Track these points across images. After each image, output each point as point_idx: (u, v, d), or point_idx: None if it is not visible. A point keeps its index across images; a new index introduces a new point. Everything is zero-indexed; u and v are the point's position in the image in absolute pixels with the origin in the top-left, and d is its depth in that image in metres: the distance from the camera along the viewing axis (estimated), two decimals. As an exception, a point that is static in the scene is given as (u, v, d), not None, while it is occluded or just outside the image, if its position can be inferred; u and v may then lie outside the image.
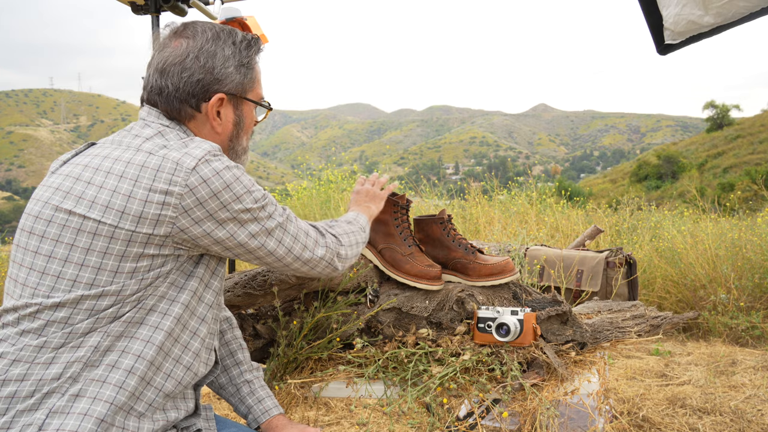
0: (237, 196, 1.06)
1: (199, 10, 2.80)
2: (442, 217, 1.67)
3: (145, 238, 1.02)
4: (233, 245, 1.10)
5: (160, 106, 1.15)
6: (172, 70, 1.13)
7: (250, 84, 1.22)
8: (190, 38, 1.16)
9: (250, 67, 1.21)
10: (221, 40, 1.17)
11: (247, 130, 1.25)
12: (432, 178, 6.87)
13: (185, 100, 1.14)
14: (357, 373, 1.49)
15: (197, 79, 1.14)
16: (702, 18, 1.90)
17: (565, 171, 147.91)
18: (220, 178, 1.04)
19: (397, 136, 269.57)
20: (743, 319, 3.78)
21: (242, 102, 1.21)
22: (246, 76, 1.20)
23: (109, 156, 1.06)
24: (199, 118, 1.17)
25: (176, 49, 1.15)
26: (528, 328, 1.45)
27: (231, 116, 1.20)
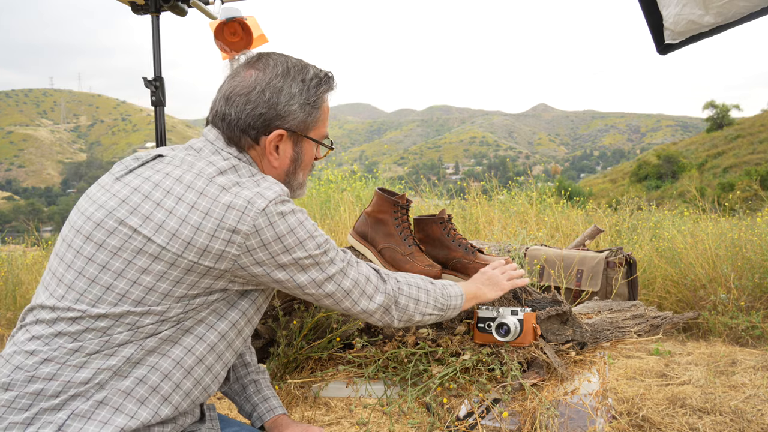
0: (300, 240, 1.09)
1: (199, 10, 2.80)
2: (442, 217, 1.67)
3: (205, 269, 1.04)
4: (292, 287, 1.12)
5: (222, 132, 1.17)
6: (237, 99, 1.15)
7: (314, 123, 1.21)
8: (261, 71, 1.17)
9: (316, 106, 1.20)
10: (290, 77, 1.17)
11: (305, 167, 1.25)
12: (432, 178, 6.87)
13: (245, 131, 1.15)
14: (357, 373, 1.49)
15: (260, 113, 1.15)
16: (702, 18, 1.90)
17: (565, 171, 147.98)
18: (285, 222, 1.07)
19: (397, 136, 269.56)
20: (743, 319, 3.78)
21: (302, 140, 1.21)
22: (310, 115, 1.20)
23: (181, 180, 1.07)
24: (257, 149, 1.17)
25: (245, 80, 1.16)
26: (528, 328, 1.45)
27: (290, 152, 1.20)
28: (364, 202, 5.85)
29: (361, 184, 6.43)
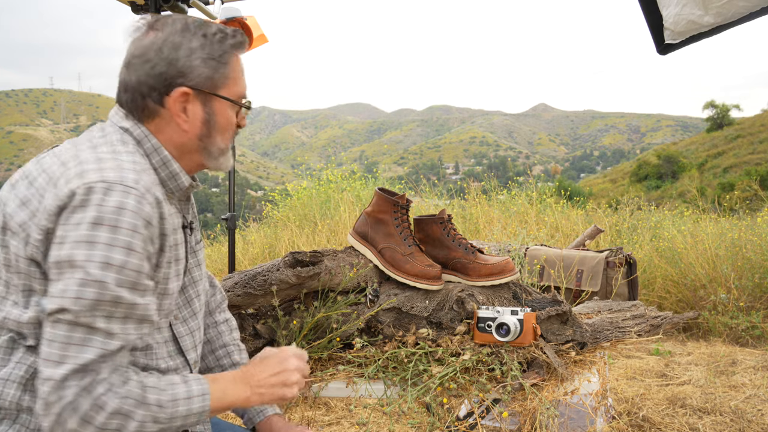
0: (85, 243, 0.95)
1: (199, 9, 2.80)
2: (442, 217, 1.67)
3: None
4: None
5: (125, 105, 1.11)
6: (135, 63, 1.08)
7: (222, 80, 1.12)
8: (159, 30, 1.10)
9: (222, 61, 1.11)
10: (190, 32, 1.10)
11: (222, 130, 1.14)
12: (432, 178, 6.87)
13: (147, 95, 1.08)
14: (357, 373, 1.49)
15: (159, 72, 1.07)
16: (702, 18, 1.90)
17: (565, 171, 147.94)
18: (87, 214, 0.96)
19: (397, 136, 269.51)
20: (743, 319, 3.78)
21: (212, 99, 1.12)
22: (217, 71, 1.11)
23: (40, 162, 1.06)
24: (164, 114, 1.10)
25: (143, 41, 1.10)
26: (528, 328, 1.45)
27: (200, 113, 1.11)
28: (364, 202, 5.85)
29: (361, 184, 6.44)
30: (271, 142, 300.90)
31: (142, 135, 1.10)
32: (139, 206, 0.97)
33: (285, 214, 6.40)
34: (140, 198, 0.97)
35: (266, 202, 7.32)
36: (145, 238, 0.98)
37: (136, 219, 0.96)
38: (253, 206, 18.40)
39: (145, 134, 1.10)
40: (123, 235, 0.94)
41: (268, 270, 1.61)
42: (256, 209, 12.94)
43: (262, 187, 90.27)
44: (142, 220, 0.97)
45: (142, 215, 0.97)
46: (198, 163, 1.16)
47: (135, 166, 1.02)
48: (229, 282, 1.62)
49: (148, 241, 0.99)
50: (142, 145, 1.10)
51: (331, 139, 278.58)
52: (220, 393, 1.05)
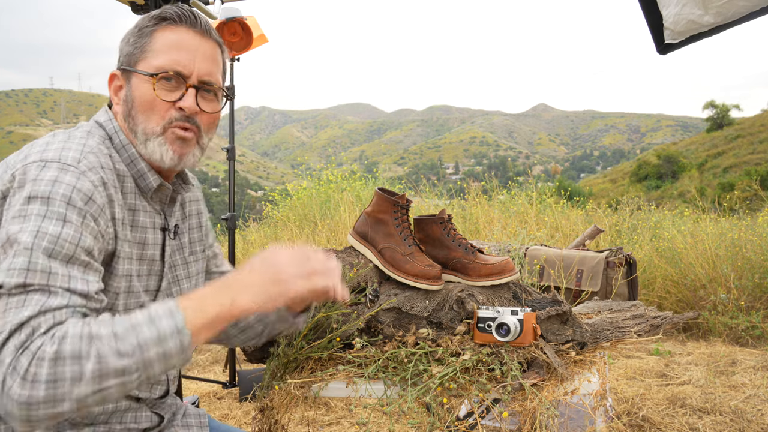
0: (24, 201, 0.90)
1: (199, 10, 2.80)
2: (442, 217, 1.67)
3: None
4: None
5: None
6: None
7: (141, 53, 1.05)
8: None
9: (143, 35, 1.06)
10: (136, 23, 1.09)
11: (142, 107, 1.04)
12: (432, 178, 6.87)
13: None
14: (357, 373, 1.49)
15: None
16: (702, 17, 1.90)
17: (565, 171, 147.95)
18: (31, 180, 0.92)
19: (397, 136, 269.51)
20: (743, 319, 3.78)
21: (131, 75, 1.06)
22: (135, 46, 1.05)
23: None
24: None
25: None
26: (528, 328, 1.45)
27: (123, 93, 1.07)
28: (364, 202, 5.86)
29: (361, 184, 6.44)
30: (271, 142, 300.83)
31: (113, 130, 1.07)
32: (76, 181, 0.92)
33: (285, 214, 6.40)
34: (78, 175, 0.93)
35: (266, 202, 7.33)
36: (84, 212, 0.91)
37: (71, 192, 0.90)
38: (253, 206, 18.40)
39: (116, 129, 1.07)
40: (56, 207, 0.88)
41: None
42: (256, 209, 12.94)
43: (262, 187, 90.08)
44: (80, 194, 0.91)
45: (81, 189, 0.91)
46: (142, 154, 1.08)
47: (83, 148, 0.98)
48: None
49: (90, 217, 0.92)
50: (112, 141, 1.07)
51: (331, 139, 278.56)
52: (195, 304, 0.87)
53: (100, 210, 0.94)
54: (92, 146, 1.00)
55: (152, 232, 1.11)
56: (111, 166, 1.01)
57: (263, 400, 1.52)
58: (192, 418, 1.23)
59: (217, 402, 2.97)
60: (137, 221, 1.07)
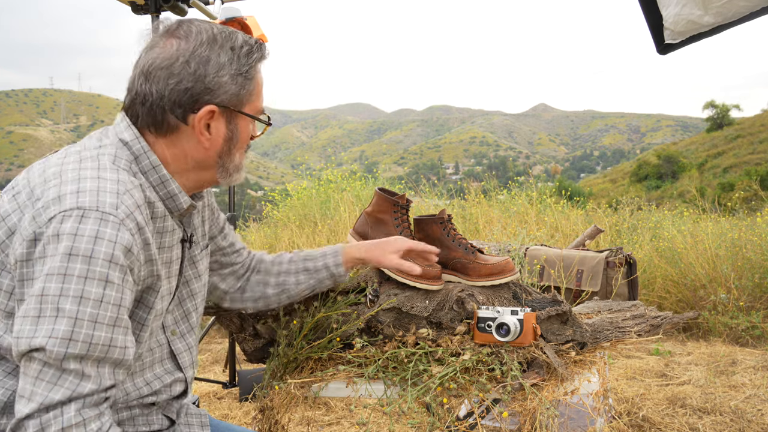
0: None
1: (199, 9, 2.80)
2: (442, 217, 1.67)
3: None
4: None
5: (141, 120, 1.03)
6: (158, 74, 1.00)
7: (248, 96, 1.07)
8: (182, 39, 1.02)
9: (249, 77, 1.06)
10: (217, 45, 1.03)
11: (241, 146, 1.10)
12: (432, 178, 6.87)
13: (170, 110, 1.01)
14: (357, 373, 1.49)
15: (185, 88, 1.00)
16: (702, 18, 1.90)
17: (565, 171, 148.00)
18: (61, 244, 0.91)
19: (397, 136, 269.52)
20: (743, 319, 3.78)
21: (237, 116, 1.06)
22: (243, 88, 1.05)
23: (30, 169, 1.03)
24: (185, 130, 1.04)
25: (165, 50, 1.01)
26: (528, 328, 1.45)
27: (222, 131, 1.06)
28: (364, 202, 5.86)
29: (361, 184, 6.44)
30: (271, 142, 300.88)
31: (141, 150, 1.03)
32: (117, 233, 0.90)
33: (285, 214, 6.40)
34: (119, 225, 0.91)
35: (266, 202, 7.32)
36: (124, 269, 0.91)
37: (113, 249, 0.89)
38: (253, 206, 18.38)
39: (144, 150, 1.03)
40: (98, 266, 0.88)
41: (268, 270, 1.61)
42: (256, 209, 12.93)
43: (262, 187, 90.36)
44: (121, 247, 0.90)
45: (121, 242, 0.90)
46: (210, 179, 1.11)
47: (118, 187, 0.94)
48: (229, 282, 1.62)
49: (129, 272, 0.93)
50: (139, 162, 1.03)
51: (331, 139, 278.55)
52: None
53: (136, 259, 0.94)
54: (125, 182, 0.96)
55: (176, 248, 1.11)
56: (143, 199, 0.99)
57: (263, 400, 1.52)
58: (193, 418, 1.24)
59: (217, 402, 2.97)
60: (164, 242, 1.07)
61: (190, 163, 1.07)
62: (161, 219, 1.05)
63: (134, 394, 1.08)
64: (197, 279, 1.21)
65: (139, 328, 1.03)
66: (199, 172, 1.09)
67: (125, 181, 0.97)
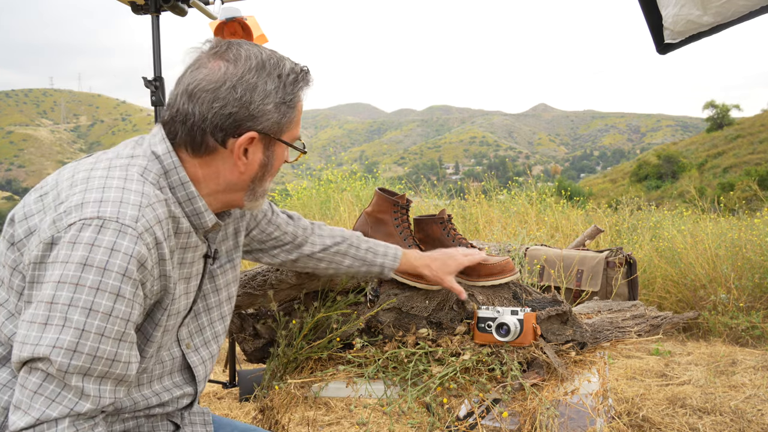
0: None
1: (199, 10, 2.80)
2: (442, 217, 1.67)
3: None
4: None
5: (179, 138, 1.02)
6: (203, 96, 1.00)
7: (288, 124, 1.07)
8: (231, 63, 1.01)
9: (292, 105, 1.05)
10: (265, 72, 1.02)
11: (274, 172, 1.10)
12: (432, 178, 6.87)
13: (211, 132, 1.01)
14: (357, 373, 1.49)
15: (229, 113, 1.00)
16: (701, 18, 1.90)
17: (565, 171, 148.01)
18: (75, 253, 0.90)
19: (397, 136, 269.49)
20: (743, 319, 3.78)
21: (275, 143, 1.06)
22: (285, 116, 1.05)
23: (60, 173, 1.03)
24: (222, 153, 1.03)
25: (212, 73, 1.01)
26: (528, 328, 1.45)
27: (259, 157, 1.05)
28: (364, 202, 5.85)
29: (361, 184, 6.43)
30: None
31: (172, 165, 1.02)
32: (133, 247, 0.89)
33: (285, 214, 6.40)
34: (136, 239, 0.90)
35: (266, 202, 7.30)
36: (136, 283, 0.91)
37: (128, 263, 0.89)
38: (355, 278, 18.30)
39: (175, 165, 1.02)
40: (111, 279, 0.87)
41: (268, 270, 1.61)
42: (256, 209, 12.91)
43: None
44: (135, 261, 0.90)
45: (137, 256, 0.90)
46: (237, 202, 1.11)
47: (141, 200, 0.94)
48: (229, 282, 1.62)
49: (140, 286, 0.92)
50: (168, 176, 1.02)
51: (331, 139, 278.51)
52: None
53: (150, 274, 0.94)
54: (150, 195, 0.96)
55: (197, 264, 1.11)
56: (167, 214, 0.99)
57: (263, 400, 1.53)
58: (196, 416, 1.24)
59: (217, 402, 2.97)
60: (186, 258, 1.07)
61: (221, 185, 1.06)
62: (186, 235, 1.04)
63: (142, 404, 1.08)
64: (215, 293, 1.20)
65: (144, 343, 1.02)
66: (228, 194, 1.08)
67: (150, 195, 0.96)
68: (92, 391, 0.88)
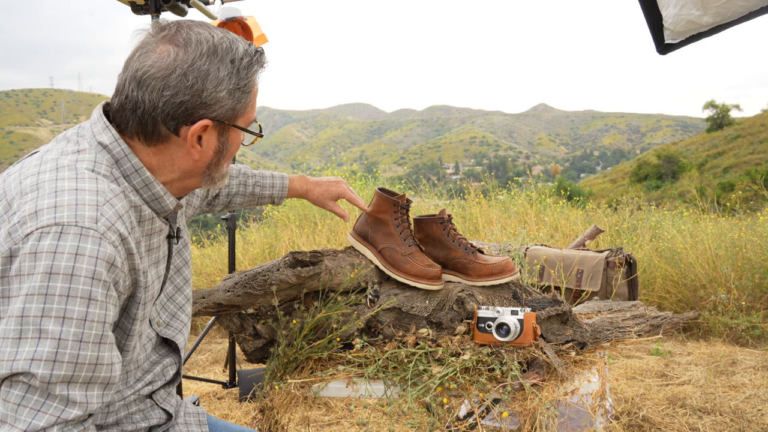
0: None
1: (199, 9, 2.80)
2: (442, 217, 1.67)
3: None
4: None
5: (130, 127, 0.99)
6: (152, 84, 0.95)
7: (243, 109, 1.04)
8: (181, 48, 0.96)
9: (246, 90, 1.02)
10: (218, 57, 0.98)
11: (230, 156, 1.08)
12: (432, 178, 6.87)
13: (162, 121, 0.97)
14: (357, 373, 1.49)
15: (180, 101, 0.96)
16: (701, 18, 1.90)
17: (565, 171, 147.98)
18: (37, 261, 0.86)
19: (397, 136, 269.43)
20: (743, 319, 3.78)
21: (229, 129, 1.04)
22: (240, 102, 1.02)
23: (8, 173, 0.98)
24: (175, 141, 1.00)
25: (161, 59, 0.96)
26: (528, 328, 1.45)
27: (213, 143, 1.03)
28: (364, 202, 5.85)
29: (361, 184, 6.43)
30: (271, 142, 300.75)
31: (122, 153, 0.99)
32: (98, 248, 0.87)
33: (285, 214, 6.39)
34: (99, 239, 0.87)
35: (266, 202, 7.29)
36: (107, 284, 0.88)
37: (95, 265, 0.86)
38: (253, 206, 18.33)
39: (126, 153, 0.99)
40: (80, 284, 0.84)
41: (269, 270, 1.61)
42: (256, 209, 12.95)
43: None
44: (103, 263, 0.87)
45: (103, 257, 0.87)
46: (194, 185, 1.10)
47: (97, 198, 0.91)
48: (229, 282, 1.62)
49: (113, 287, 0.90)
50: (120, 165, 0.99)
51: (331, 139, 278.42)
52: None
53: (120, 271, 0.91)
54: (105, 192, 0.93)
55: (163, 247, 1.11)
56: (127, 206, 0.96)
57: (263, 400, 1.53)
58: (191, 417, 1.24)
59: (217, 402, 2.97)
60: (152, 243, 1.06)
61: (176, 172, 1.04)
62: (149, 221, 1.03)
63: (129, 391, 1.08)
64: (186, 267, 1.23)
65: (125, 338, 1.01)
66: (184, 180, 1.07)
67: (105, 191, 0.93)
68: (79, 398, 0.86)
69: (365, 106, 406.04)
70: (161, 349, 1.18)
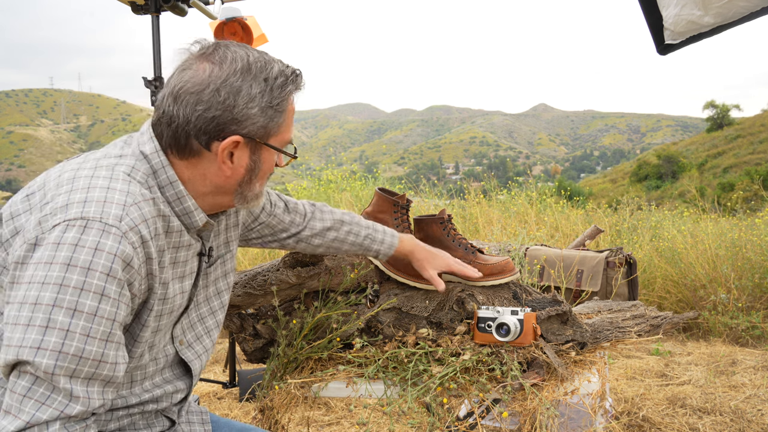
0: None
1: (199, 9, 2.80)
2: (442, 217, 1.67)
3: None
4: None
5: (164, 139, 1.02)
6: (186, 98, 0.99)
7: (276, 128, 1.05)
8: (216, 65, 1.00)
9: (279, 110, 1.03)
10: (251, 75, 1.00)
11: (263, 176, 1.08)
12: (432, 178, 6.87)
13: (195, 135, 1.00)
14: (357, 373, 1.49)
15: (212, 116, 0.99)
16: (701, 18, 1.90)
17: (565, 171, 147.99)
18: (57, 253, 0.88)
19: (397, 136, 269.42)
20: (743, 319, 3.78)
21: (261, 147, 1.05)
22: (272, 120, 1.03)
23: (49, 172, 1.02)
24: (207, 156, 1.02)
25: (197, 75, 1.00)
26: (528, 328, 1.45)
27: (245, 161, 1.04)
28: (364, 202, 5.85)
29: (361, 184, 6.43)
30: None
31: (160, 165, 1.02)
32: (117, 246, 0.89)
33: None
34: (120, 237, 0.89)
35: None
36: (122, 282, 0.90)
37: (112, 262, 0.88)
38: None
39: (163, 165, 1.02)
40: (95, 279, 0.86)
41: (268, 270, 1.61)
42: (256, 209, 12.91)
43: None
44: (120, 261, 0.89)
45: (121, 255, 0.89)
46: (227, 204, 1.10)
47: (126, 199, 0.93)
48: (229, 282, 1.62)
49: (126, 286, 0.91)
50: (157, 176, 1.02)
51: (331, 139, 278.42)
52: None
53: (137, 273, 0.93)
54: (135, 194, 0.95)
55: (191, 262, 1.10)
56: (154, 213, 0.98)
57: (263, 400, 1.53)
58: (194, 416, 1.24)
59: (217, 402, 2.97)
60: (179, 257, 1.06)
61: (208, 187, 1.06)
62: (177, 234, 1.04)
63: (134, 400, 1.08)
64: (205, 289, 1.19)
65: (132, 344, 1.01)
66: (216, 196, 1.08)
67: (135, 193, 0.96)
68: (81, 393, 0.87)
69: (365, 106, 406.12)
70: (176, 369, 1.16)
